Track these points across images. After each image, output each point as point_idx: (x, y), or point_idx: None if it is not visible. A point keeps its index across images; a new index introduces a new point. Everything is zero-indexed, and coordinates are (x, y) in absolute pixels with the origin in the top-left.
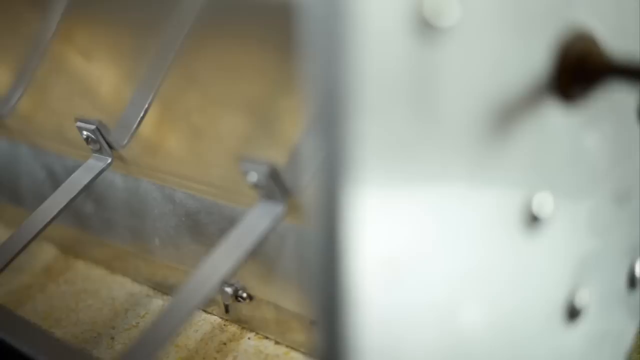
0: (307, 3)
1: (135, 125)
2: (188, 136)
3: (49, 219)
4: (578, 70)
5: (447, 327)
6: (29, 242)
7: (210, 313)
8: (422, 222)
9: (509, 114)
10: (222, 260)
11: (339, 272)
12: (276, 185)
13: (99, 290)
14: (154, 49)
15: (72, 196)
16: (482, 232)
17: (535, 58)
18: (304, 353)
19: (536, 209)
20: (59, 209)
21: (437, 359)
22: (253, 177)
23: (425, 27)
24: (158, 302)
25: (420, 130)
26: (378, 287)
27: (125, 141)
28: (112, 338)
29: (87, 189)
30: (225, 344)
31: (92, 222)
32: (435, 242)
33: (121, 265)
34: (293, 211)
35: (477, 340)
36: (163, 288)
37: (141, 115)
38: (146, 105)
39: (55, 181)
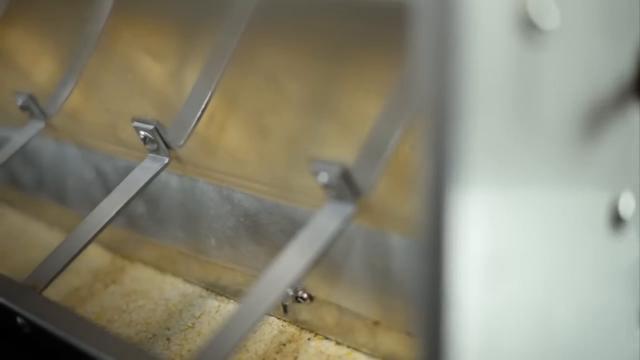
0: (415, 3)
1: (192, 125)
2: (252, 136)
3: (106, 221)
4: None
5: (542, 326)
6: (87, 244)
7: (267, 314)
8: (519, 223)
9: (598, 116)
10: (291, 263)
11: (443, 272)
12: (347, 186)
13: (149, 291)
14: (211, 46)
15: (129, 197)
16: (572, 233)
17: (622, 60)
18: (367, 354)
19: (622, 209)
20: (116, 210)
21: (534, 358)
22: (324, 177)
23: (529, 29)
24: (213, 303)
25: (521, 132)
26: (478, 288)
27: (183, 141)
28: (168, 339)
29: (144, 190)
30: (284, 344)
31: (143, 222)
32: (530, 242)
33: (172, 266)
34: (361, 212)
35: (567, 340)
36: (216, 288)
37: (199, 114)
38: (204, 104)
39: (105, 182)
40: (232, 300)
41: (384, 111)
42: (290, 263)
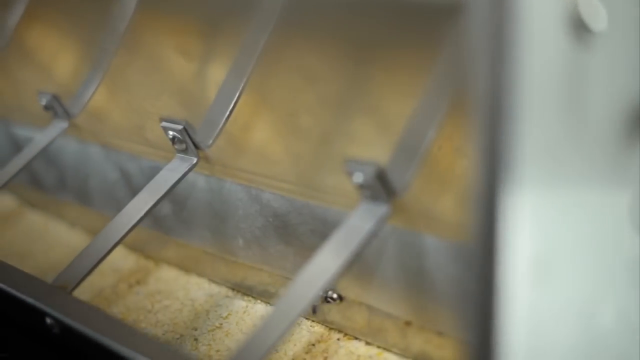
0: (471, 5)
1: (221, 124)
2: (282, 135)
3: (135, 221)
4: None
5: (586, 326)
6: (116, 244)
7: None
8: (565, 222)
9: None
10: (325, 264)
11: (495, 274)
12: (382, 186)
13: (173, 291)
14: (240, 43)
15: (157, 198)
16: (614, 233)
17: None
18: (397, 354)
19: None
20: (145, 210)
21: (576, 358)
22: (359, 177)
23: (580, 30)
24: (240, 303)
25: (569, 133)
26: (526, 289)
27: (211, 141)
28: (196, 339)
29: (172, 190)
30: (313, 345)
31: (168, 223)
32: (575, 242)
33: (197, 266)
34: (395, 212)
35: (609, 340)
36: (242, 288)
37: (227, 113)
38: (232, 103)
39: (129, 182)
40: (258, 300)
41: (418, 110)
42: (325, 264)
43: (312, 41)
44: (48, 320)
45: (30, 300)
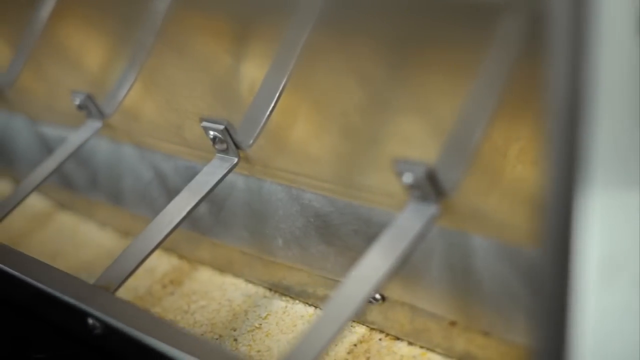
0: (552, 9)
1: (262, 124)
2: (324, 135)
3: (176, 222)
4: None
5: None
6: (157, 246)
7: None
8: (632, 223)
9: None
10: (374, 266)
11: (568, 276)
12: (432, 186)
13: (209, 292)
14: (280, 40)
15: (198, 199)
16: None
17: None
18: (441, 354)
19: None
20: (186, 211)
21: None
22: (409, 177)
23: None
24: (279, 304)
25: (638, 134)
26: (596, 290)
27: (252, 140)
28: (235, 340)
29: (212, 190)
30: (355, 345)
31: (205, 223)
32: None
33: (233, 267)
34: (444, 212)
35: None
36: (280, 289)
37: (268, 112)
38: (273, 102)
39: (164, 182)
40: (297, 301)
41: (468, 109)
42: (374, 266)
43: (356, 38)
44: (90, 321)
45: (72, 300)
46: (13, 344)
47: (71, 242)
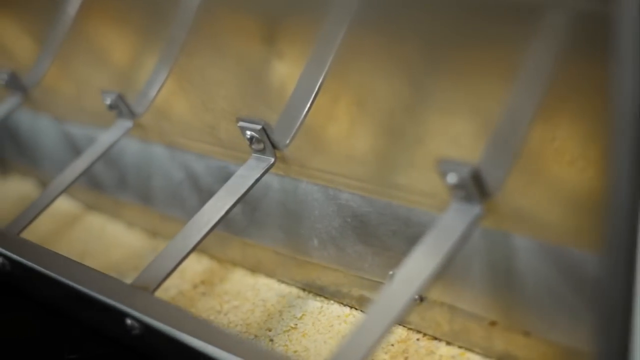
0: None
1: (298, 124)
2: (362, 135)
3: (213, 223)
4: None
5: None
6: (195, 246)
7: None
8: None
9: None
10: (419, 268)
11: (633, 279)
12: (476, 187)
13: (241, 292)
14: (317, 39)
15: (235, 199)
16: None
17: None
18: (480, 354)
19: None
20: (224, 210)
21: None
22: (453, 178)
23: None
24: (314, 304)
25: None
26: None
27: (288, 140)
28: (271, 340)
29: (249, 191)
30: (392, 345)
31: (238, 223)
32: None
33: (265, 267)
34: (488, 213)
35: None
36: (314, 289)
37: (304, 112)
38: (310, 102)
39: (195, 182)
40: (332, 301)
41: (512, 109)
42: (419, 268)
43: (397, 37)
44: (128, 321)
45: (109, 301)
46: (46, 344)
47: (99, 242)
